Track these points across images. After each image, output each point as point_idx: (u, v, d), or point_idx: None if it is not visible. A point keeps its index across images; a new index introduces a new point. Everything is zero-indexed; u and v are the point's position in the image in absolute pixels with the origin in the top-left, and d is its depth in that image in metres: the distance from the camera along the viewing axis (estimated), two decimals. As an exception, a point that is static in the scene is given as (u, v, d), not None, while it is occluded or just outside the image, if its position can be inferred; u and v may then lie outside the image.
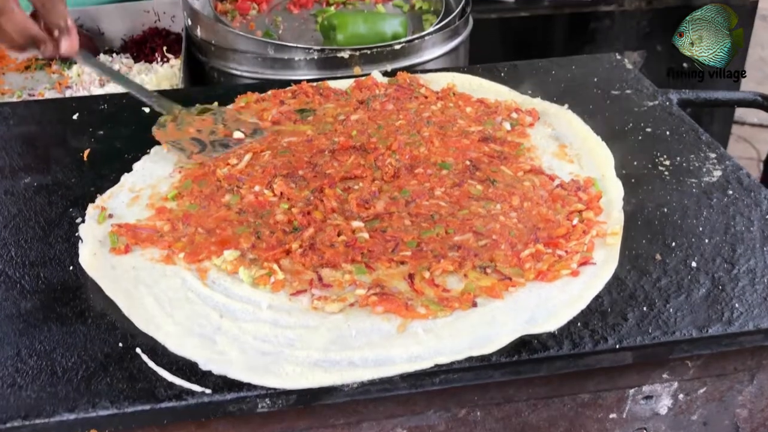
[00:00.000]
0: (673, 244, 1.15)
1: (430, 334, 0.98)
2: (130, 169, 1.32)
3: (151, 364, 0.94)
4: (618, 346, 0.97)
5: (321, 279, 1.07)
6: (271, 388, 0.91)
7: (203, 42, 1.87)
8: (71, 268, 1.10)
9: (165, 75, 1.96)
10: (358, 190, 1.25)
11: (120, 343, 0.97)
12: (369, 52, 1.74)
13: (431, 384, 0.95)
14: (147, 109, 1.49)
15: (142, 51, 2.09)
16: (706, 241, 1.15)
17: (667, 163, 1.34)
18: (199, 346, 0.96)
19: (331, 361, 0.94)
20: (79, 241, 1.15)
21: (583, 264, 1.09)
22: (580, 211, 1.20)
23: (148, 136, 1.40)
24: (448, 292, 1.05)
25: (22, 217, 1.21)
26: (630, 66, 1.68)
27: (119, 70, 1.99)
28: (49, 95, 1.90)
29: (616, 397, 1.06)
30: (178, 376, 0.92)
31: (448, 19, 1.87)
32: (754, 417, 1.13)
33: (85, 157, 1.37)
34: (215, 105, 1.50)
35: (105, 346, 0.97)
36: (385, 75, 1.62)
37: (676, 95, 1.57)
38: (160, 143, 1.38)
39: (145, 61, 2.06)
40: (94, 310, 1.03)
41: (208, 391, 0.91)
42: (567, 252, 1.11)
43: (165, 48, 2.07)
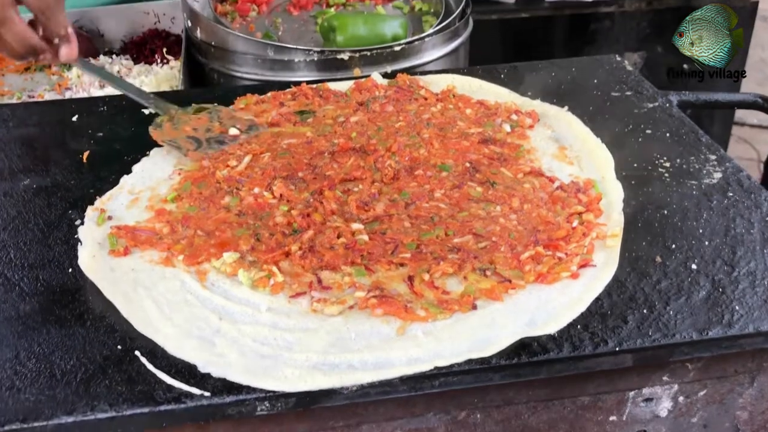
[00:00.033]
0: (673, 246, 1.14)
1: (429, 337, 0.98)
2: (129, 171, 1.32)
3: (150, 367, 0.94)
4: (618, 349, 0.97)
5: (320, 281, 1.07)
6: (270, 391, 0.91)
7: (203, 43, 1.86)
8: (70, 270, 1.10)
9: (165, 76, 1.96)
10: (358, 192, 1.25)
11: (119, 346, 0.97)
12: (369, 53, 1.73)
13: (431, 387, 0.94)
14: (146, 111, 1.49)
15: (141, 52, 2.09)
16: (707, 243, 1.15)
17: (667, 165, 1.34)
18: (198, 348, 0.96)
19: (330, 363, 0.94)
20: (78, 244, 1.14)
21: (583, 266, 1.09)
22: (580, 213, 1.19)
23: (147, 138, 1.40)
24: (447, 295, 1.05)
25: (21, 219, 1.21)
26: (630, 67, 1.68)
27: (119, 72, 2.00)
28: (49, 97, 1.90)
29: (616, 400, 1.06)
30: (177, 379, 0.92)
31: (448, 20, 1.86)
32: (755, 419, 1.12)
33: (84, 159, 1.36)
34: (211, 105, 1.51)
35: (104, 348, 0.97)
36: (384, 77, 1.61)
37: (676, 97, 1.57)
38: (160, 145, 1.38)
39: (145, 63, 2.06)
40: (93, 313, 1.03)
41: (207, 393, 0.91)
42: (567, 254, 1.11)
43: (165, 49, 2.07)
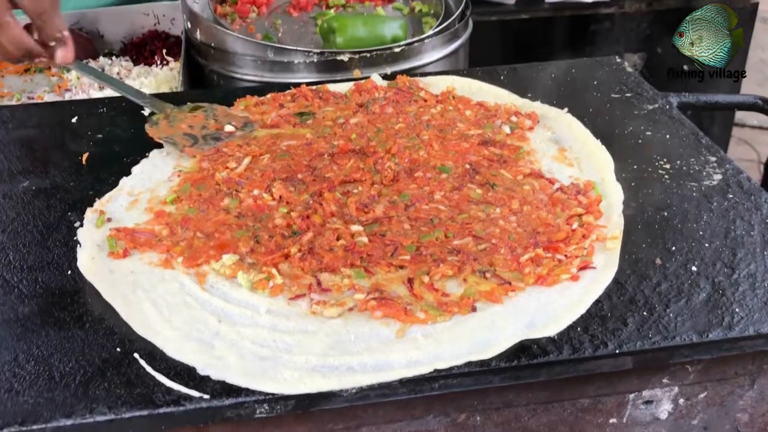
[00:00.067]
0: (673, 248, 1.14)
1: (429, 339, 0.97)
2: (129, 173, 1.31)
3: (149, 369, 0.94)
4: (618, 351, 0.97)
5: (320, 283, 1.07)
6: (269, 394, 0.91)
7: (203, 45, 1.86)
8: (69, 272, 1.10)
9: (164, 78, 1.95)
10: (358, 194, 1.24)
11: (118, 348, 0.97)
12: (368, 55, 1.73)
13: (430, 389, 0.94)
14: (146, 112, 1.49)
15: (141, 54, 2.09)
16: (707, 245, 1.15)
17: (667, 166, 1.34)
18: (197, 350, 0.96)
19: (329, 366, 0.94)
20: (78, 246, 1.14)
21: (582, 268, 1.09)
22: (580, 215, 1.19)
23: (146, 140, 1.39)
24: (447, 297, 1.04)
25: (20, 221, 1.21)
26: (630, 69, 1.68)
27: (118, 73, 1.99)
28: (49, 98, 1.89)
29: (616, 402, 1.06)
30: (176, 381, 0.92)
31: (448, 21, 1.86)
32: (755, 421, 1.12)
33: (83, 161, 1.36)
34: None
35: (103, 351, 0.97)
36: (384, 78, 1.61)
37: (676, 98, 1.57)
38: (159, 146, 1.38)
39: (145, 64, 2.06)
40: (92, 315, 1.03)
41: (206, 396, 0.90)
42: (567, 256, 1.11)
43: (164, 51, 2.07)
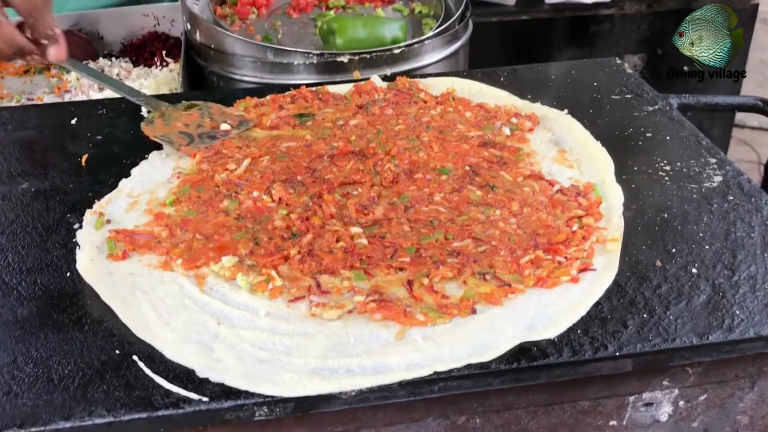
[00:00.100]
0: (674, 250, 1.14)
1: (428, 342, 0.97)
2: (128, 175, 1.31)
3: (148, 372, 0.94)
4: (618, 354, 0.97)
5: (319, 285, 1.06)
6: (268, 396, 0.91)
7: (202, 46, 1.86)
8: (68, 274, 1.10)
9: (164, 79, 1.95)
10: (357, 196, 1.24)
11: (117, 351, 0.97)
12: (368, 56, 1.73)
13: (430, 392, 0.94)
14: (146, 113, 1.49)
15: (141, 55, 2.09)
16: (707, 247, 1.15)
17: (668, 168, 1.34)
18: (196, 353, 0.96)
19: (329, 368, 0.94)
20: (77, 247, 1.14)
21: (582, 270, 1.09)
22: (580, 217, 1.19)
23: (146, 142, 1.39)
24: (447, 299, 1.04)
25: (19, 222, 1.21)
26: (630, 70, 1.68)
27: (118, 74, 1.99)
28: (48, 99, 1.89)
29: (616, 404, 1.05)
30: (175, 384, 0.92)
31: (448, 23, 1.86)
32: (755, 424, 1.12)
33: (83, 162, 1.36)
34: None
35: (102, 353, 0.97)
36: (384, 79, 1.61)
37: (676, 100, 1.57)
38: (158, 148, 1.38)
39: (144, 66, 2.06)
40: (91, 317, 1.02)
41: (205, 399, 0.90)
42: (567, 258, 1.11)
43: (164, 52, 2.06)
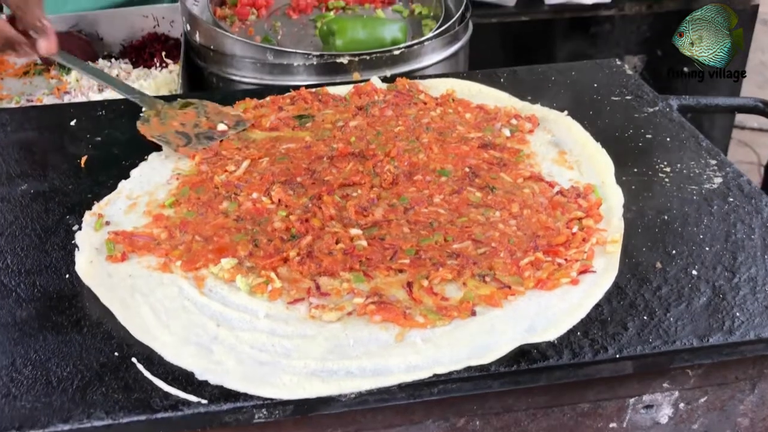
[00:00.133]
0: (674, 252, 1.14)
1: (428, 344, 0.97)
2: (127, 176, 1.31)
3: (146, 374, 0.93)
4: (618, 356, 0.97)
5: (319, 287, 1.06)
6: (267, 399, 0.91)
7: (202, 47, 1.86)
8: (67, 276, 1.10)
9: (164, 80, 1.95)
10: (357, 197, 1.24)
11: (116, 353, 0.97)
12: (368, 57, 1.73)
13: (429, 394, 0.94)
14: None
15: (140, 56, 2.09)
16: (707, 249, 1.14)
17: (668, 169, 1.33)
18: (195, 355, 0.95)
19: (328, 370, 0.93)
20: (76, 249, 1.14)
21: (582, 272, 1.09)
22: (580, 219, 1.19)
23: (145, 143, 1.39)
24: (446, 301, 1.04)
25: (18, 224, 1.21)
26: (630, 71, 1.67)
27: (118, 75, 1.99)
28: (48, 101, 1.89)
29: (617, 407, 1.05)
30: (174, 386, 0.92)
31: (448, 24, 1.86)
32: (756, 426, 1.12)
33: (82, 164, 1.36)
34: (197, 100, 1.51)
35: (101, 355, 0.96)
36: (384, 81, 1.61)
37: (676, 101, 1.56)
38: (158, 149, 1.38)
39: (144, 67, 2.06)
40: (90, 319, 1.02)
41: (204, 401, 0.90)
42: (567, 260, 1.11)
43: (164, 53, 2.07)
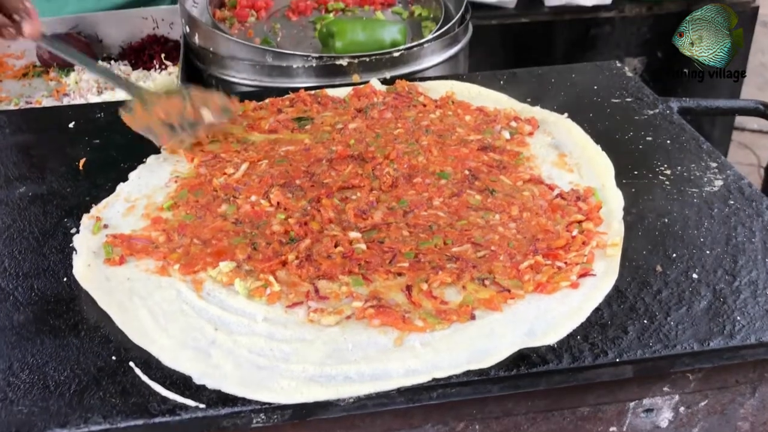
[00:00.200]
0: (674, 255, 1.13)
1: (427, 348, 0.96)
2: (126, 179, 1.31)
3: (144, 378, 0.93)
4: (618, 360, 0.96)
5: (317, 291, 1.06)
6: (266, 403, 0.90)
7: (201, 49, 1.86)
8: (65, 279, 1.09)
9: (163, 82, 1.94)
10: (356, 200, 1.24)
11: (113, 357, 0.96)
12: (368, 59, 1.72)
13: (429, 398, 0.93)
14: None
15: (140, 58, 2.08)
16: (708, 252, 1.14)
17: (668, 172, 1.33)
18: (193, 359, 0.95)
19: (327, 375, 0.93)
20: (74, 252, 1.14)
21: (582, 276, 1.08)
22: (580, 222, 1.18)
23: (144, 146, 1.38)
24: (446, 305, 1.03)
25: (16, 227, 1.20)
26: (630, 73, 1.67)
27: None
28: (47, 103, 1.88)
29: (617, 410, 1.05)
30: (171, 391, 0.91)
31: (448, 26, 1.85)
32: (756, 430, 1.11)
33: (80, 166, 1.36)
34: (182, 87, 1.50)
35: (98, 359, 0.96)
36: (383, 83, 1.61)
37: (676, 103, 1.56)
38: (156, 152, 1.37)
39: (143, 69, 2.05)
40: (87, 323, 1.02)
41: (202, 405, 0.90)
42: (566, 263, 1.10)
43: (163, 55, 2.06)
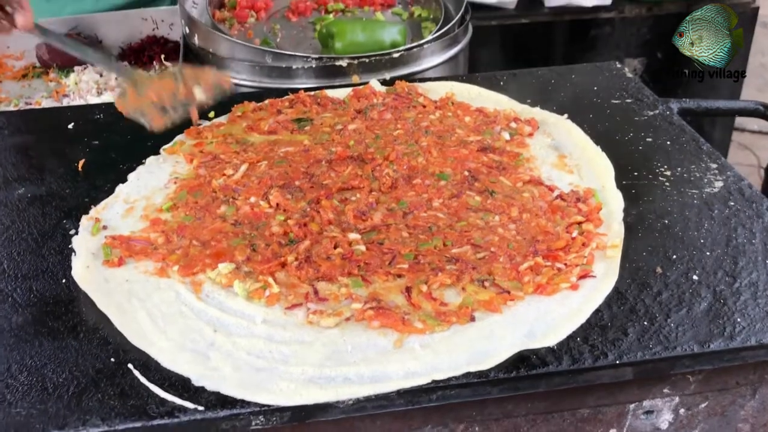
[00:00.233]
0: (674, 256, 1.13)
1: (427, 350, 0.96)
2: (125, 180, 1.31)
3: (143, 380, 0.93)
4: (618, 362, 0.96)
5: (317, 292, 1.05)
6: (265, 405, 0.90)
7: (201, 50, 1.85)
8: (64, 281, 1.09)
9: (163, 83, 1.94)
10: (355, 202, 1.23)
11: (112, 359, 0.96)
12: (367, 60, 1.72)
13: (428, 400, 0.93)
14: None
15: (140, 59, 2.08)
16: (708, 253, 1.14)
17: (668, 173, 1.33)
18: (192, 361, 0.95)
19: (326, 377, 0.93)
20: (72, 254, 1.13)
21: (582, 277, 1.08)
22: (580, 223, 1.18)
23: (143, 147, 1.38)
24: (445, 306, 1.03)
25: (15, 229, 1.20)
26: (630, 74, 1.67)
27: (116, 78, 1.97)
28: (46, 104, 1.88)
29: (617, 412, 1.04)
30: (170, 393, 0.91)
31: (448, 26, 1.85)
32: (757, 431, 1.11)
33: (79, 168, 1.35)
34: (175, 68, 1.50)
35: (97, 361, 0.96)
36: (383, 84, 1.60)
37: (676, 104, 1.56)
38: (155, 153, 1.37)
39: (143, 69, 2.05)
40: (86, 325, 1.02)
41: (200, 408, 0.89)
42: (566, 265, 1.10)
43: (163, 56, 2.06)
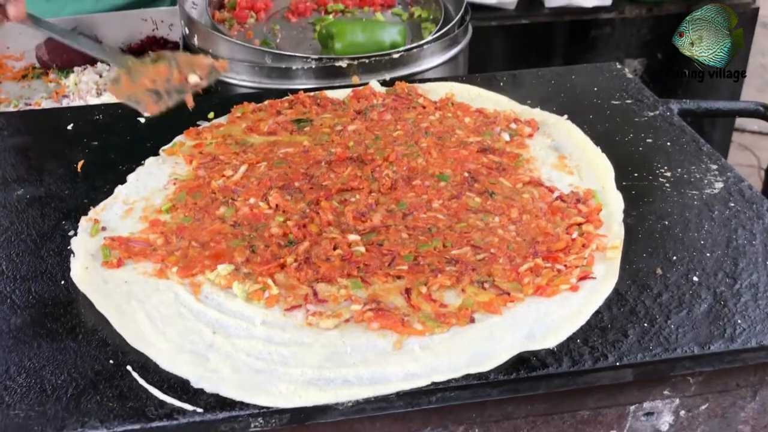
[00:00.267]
0: (675, 258, 1.13)
1: (426, 351, 0.96)
2: (124, 181, 1.30)
3: (142, 382, 0.92)
4: (618, 364, 0.96)
5: (316, 294, 1.05)
6: (264, 407, 0.90)
7: (200, 51, 1.85)
8: (63, 282, 1.09)
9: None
10: (355, 203, 1.23)
11: (111, 360, 0.96)
12: (367, 61, 1.72)
13: (428, 402, 0.93)
14: (142, 119, 1.47)
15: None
16: (708, 254, 1.13)
17: (668, 174, 1.32)
18: (191, 363, 0.95)
19: (325, 379, 0.93)
20: (71, 255, 1.13)
21: (582, 278, 1.08)
22: (580, 224, 1.18)
23: (142, 148, 1.38)
24: (445, 308, 1.03)
25: (13, 230, 1.20)
26: (630, 75, 1.67)
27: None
28: (46, 104, 1.88)
29: (617, 414, 1.04)
30: (169, 395, 0.91)
31: (448, 27, 1.85)
32: (757, 433, 1.11)
33: (78, 169, 1.35)
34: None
35: (95, 363, 0.95)
36: (383, 84, 1.60)
37: (676, 105, 1.55)
38: (155, 154, 1.37)
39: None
40: (85, 326, 1.01)
41: (199, 410, 0.89)
42: (566, 266, 1.10)
43: (162, 56, 2.06)
